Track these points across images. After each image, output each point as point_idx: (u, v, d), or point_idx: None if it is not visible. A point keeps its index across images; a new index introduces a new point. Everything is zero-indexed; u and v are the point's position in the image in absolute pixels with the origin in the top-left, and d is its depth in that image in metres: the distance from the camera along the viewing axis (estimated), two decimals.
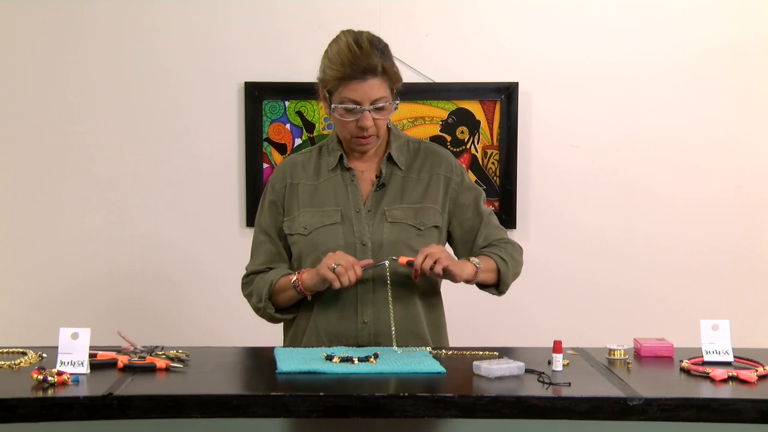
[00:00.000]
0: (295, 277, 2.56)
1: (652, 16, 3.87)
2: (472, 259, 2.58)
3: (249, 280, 2.70)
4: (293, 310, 2.66)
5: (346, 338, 2.58)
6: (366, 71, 2.51)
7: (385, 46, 2.59)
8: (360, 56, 2.51)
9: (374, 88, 2.53)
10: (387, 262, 2.52)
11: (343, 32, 2.60)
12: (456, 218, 2.69)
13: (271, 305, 2.62)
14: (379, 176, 2.65)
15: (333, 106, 2.56)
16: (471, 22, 3.88)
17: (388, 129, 2.68)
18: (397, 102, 2.62)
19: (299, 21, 3.87)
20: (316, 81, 2.62)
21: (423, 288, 2.64)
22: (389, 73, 2.56)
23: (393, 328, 2.51)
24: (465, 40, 3.88)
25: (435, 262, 2.45)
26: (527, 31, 3.88)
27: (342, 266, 2.44)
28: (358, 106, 2.53)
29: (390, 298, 2.54)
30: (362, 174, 2.67)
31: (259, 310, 2.66)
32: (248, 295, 2.70)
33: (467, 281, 2.57)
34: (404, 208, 2.63)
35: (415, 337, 2.60)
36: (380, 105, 2.55)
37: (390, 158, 2.66)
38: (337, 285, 2.45)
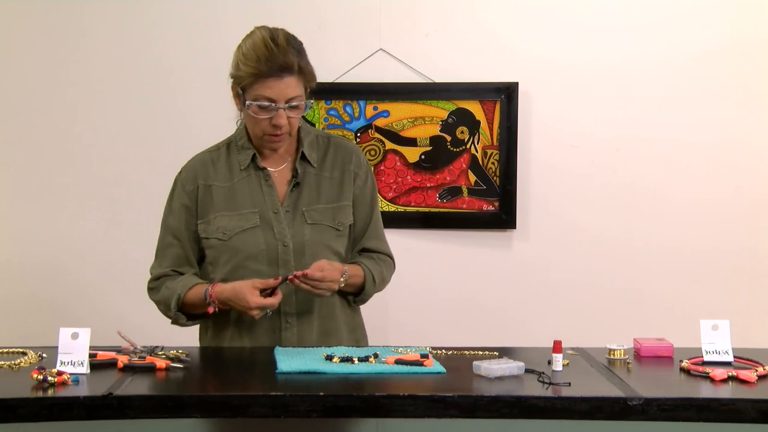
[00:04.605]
0: (207, 296, 2.53)
1: (652, 16, 3.87)
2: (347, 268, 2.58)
3: (156, 285, 2.65)
4: (205, 315, 2.62)
5: (270, 340, 2.57)
6: (283, 69, 2.48)
7: (301, 44, 2.56)
8: (277, 53, 2.47)
9: (290, 86, 2.50)
10: (289, 275, 2.50)
11: (257, 28, 2.57)
12: (353, 212, 2.69)
13: (183, 316, 2.60)
14: (295, 175, 2.63)
15: (247, 103, 2.52)
16: (471, 22, 3.88)
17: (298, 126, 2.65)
18: (311, 101, 2.59)
19: (299, 21, 3.84)
20: (229, 76, 2.57)
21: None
22: (305, 71, 2.53)
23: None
24: (465, 40, 3.88)
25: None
26: (527, 31, 3.88)
27: (256, 312, 2.46)
28: (273, 104, 2.50)
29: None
30: (275, 174, 2.64)
31: (168, 317, 2.64)
32: (156, 302, 2.66)
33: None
34: (322, 209, 2.62)
35: (332, 336, 2.62)
36: (295, 104, 2.52)
37: (303, 156, 2.64)
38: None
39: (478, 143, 3.88)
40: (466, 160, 3.87)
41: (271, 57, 2.47)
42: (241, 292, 2.47)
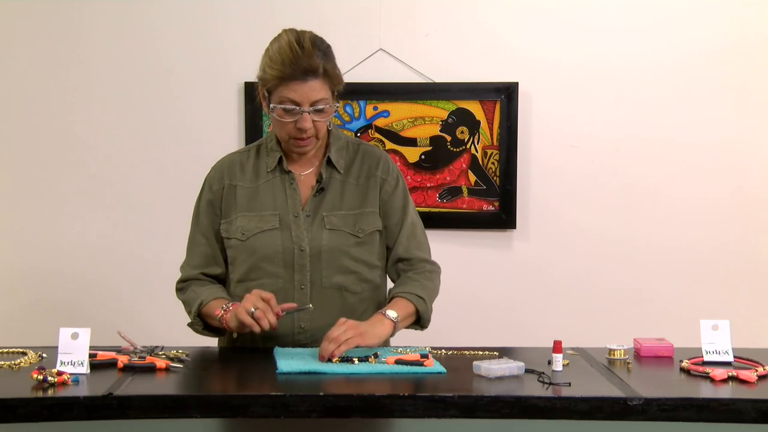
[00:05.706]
0: (221, 313, 2.50)
1: (652, 16, 3.87)
2: (389, 313, 2.49)
3: (184, 287, 2.66)
4: (223, 331, 2.60)
5: (283, 342, 2.55)
6: (307, 72, 2.46)
7: (328, 47, 2.54)
8: (301, 56, 2.45)
9: (314, 89, 2.47)
10: (311, 306, 2.48)
11: (284, 31, 2.55)
12: (382, 220, 2.65)
13: (200, 322, 2.59)
14: (320, 180, 2.61)
15: (272, 105, 2.50)
16: (471, 22, 3.88)
17: (328, 131, 2.63)
18: (338, 104, 2.57)
19: (299, 21, 3.81)
20: (256, 79, 2.56)
21: (362, 296, 2.62)
22: (330, 74, 2.51)
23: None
24: (465, 40, 3.88)
25: (343, 343, 2.34)
26: (527, 31, 3.89)
27: (260, 310, 2.38)
28: (298, 107, 2.48)
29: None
30: (301, 177, 2.63)
31: (190, 319, 2.63)
32: (183, 302, 2.66)
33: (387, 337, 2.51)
34: (343, 216, 2.59)
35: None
36: (320, 107, 2.50)
37: (329, 161, 2.63)
38: (256, 329, 2.39)
39: (478, 143, 3.88)
40: (466, 160, 3.87)
41: (296, 60, 2.45)
42: (251, 294, 2.43)
